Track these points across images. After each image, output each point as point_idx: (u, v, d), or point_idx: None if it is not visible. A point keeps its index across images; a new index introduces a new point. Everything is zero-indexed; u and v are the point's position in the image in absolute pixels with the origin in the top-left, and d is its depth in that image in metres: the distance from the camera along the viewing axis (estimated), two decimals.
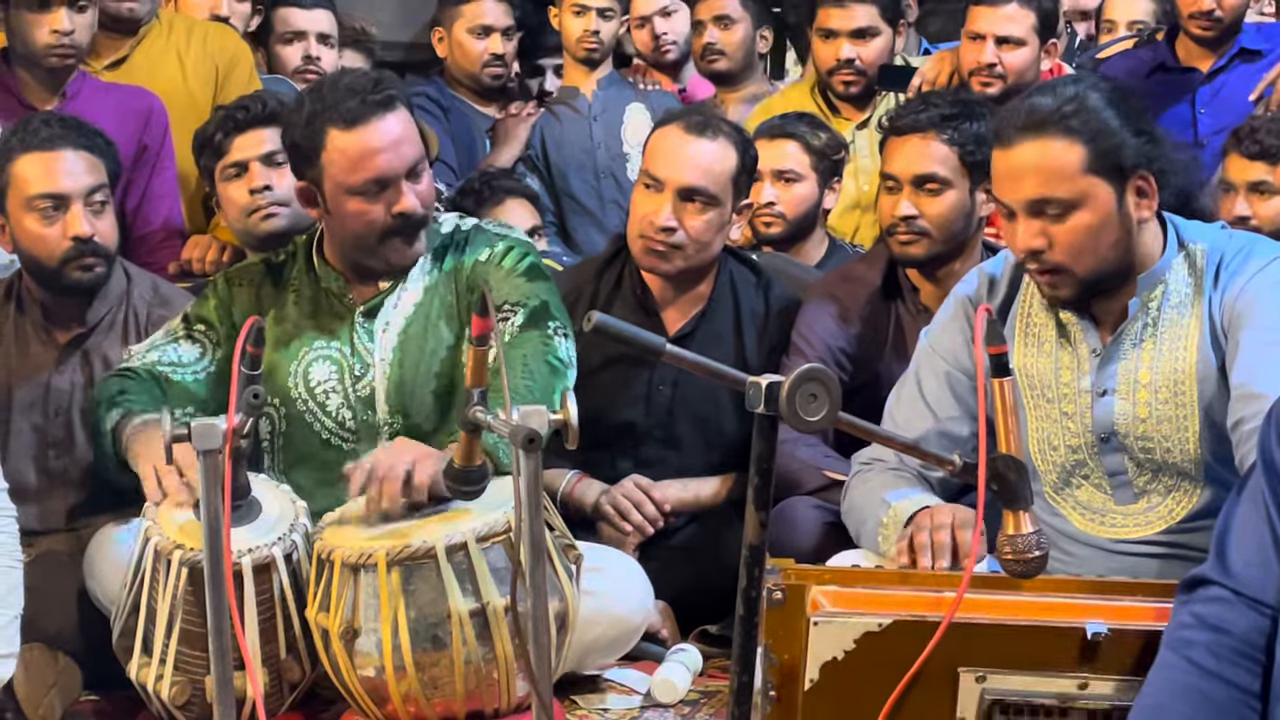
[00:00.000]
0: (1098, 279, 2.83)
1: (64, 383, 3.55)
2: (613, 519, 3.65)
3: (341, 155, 3.24)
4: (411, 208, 3.25)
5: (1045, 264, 2.80)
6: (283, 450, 3.35)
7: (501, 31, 5.19)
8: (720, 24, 5.12)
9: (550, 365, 3.21)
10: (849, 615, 2.18)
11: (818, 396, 1.97)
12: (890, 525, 2.88)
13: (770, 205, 4.23)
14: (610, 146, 5.07)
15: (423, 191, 3.29)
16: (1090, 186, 2.76)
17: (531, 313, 3.26)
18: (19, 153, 3.47)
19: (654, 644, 3.50)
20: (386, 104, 3.23)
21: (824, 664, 2.15)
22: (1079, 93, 2.78)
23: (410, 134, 3.27)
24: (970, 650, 2.15)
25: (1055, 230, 2.77)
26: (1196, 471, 2.87)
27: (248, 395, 2.48)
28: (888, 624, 2.15)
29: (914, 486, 2.96)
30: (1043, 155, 2.76)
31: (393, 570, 2.88)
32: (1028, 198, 2.77)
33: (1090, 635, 2.13)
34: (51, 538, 3.47)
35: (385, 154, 3.23)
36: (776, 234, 4.26)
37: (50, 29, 4.01)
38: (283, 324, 3.38)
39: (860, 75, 4.70)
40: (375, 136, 3.22)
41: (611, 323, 2.05)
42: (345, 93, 3.23)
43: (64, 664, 3.27)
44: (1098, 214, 2.78)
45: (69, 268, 3.48)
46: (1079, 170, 2.76)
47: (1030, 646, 2.15)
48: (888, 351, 3.59)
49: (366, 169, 3.23)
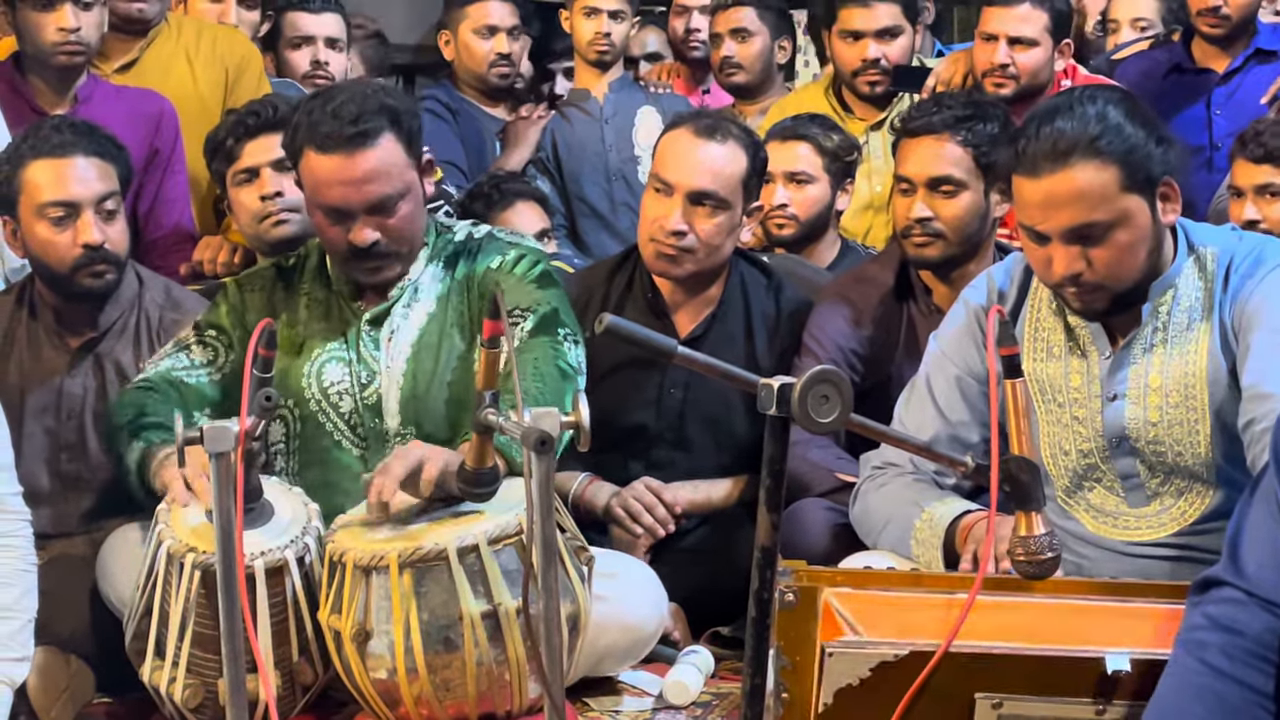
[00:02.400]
0: (1131, 290, 2.82)
1: (76, 387, 3.56)
2: (624, 522, 3.65)
3: (309, 175, 3.26)
4: (361, 241, 3.24)
5: (1085, 285, 2.78)
6: (297, 452, 3.36)
7: (507, 31, 5.19)
8: (738, 37, 5.12)
9: (560, 370, 3.20)
10: (864, 646, 2.17)
11: (829, 398, 1.97)
12: (925, 529, 2.87)
13: (783, 207, 4.23)
14: (621, 149, 5.07)
15: (391, 225, 3.25)
16: (1127, 204, 2.74)
17: (542, 319, 3.26)
18: (30, 159, 3.48)
19: (666, 646, 3.50)
20: (361, 138, 3.19)
21: (838, 690, 2.14)
22: (1100, 111, 2.74)
23: (383, 170, 3.22)
24: (987, 676, 2.14)
25: (1095, 253, 2.75)
26: (1208, 474, 2.86)
27: (260, 398, 2.48)
28: (904, 655, 2.14)
29: (936, 492, 2.96)
30: (1079, 183, 2.71)
31: (404, 572, 2.88)
32: (1066, 226, 2.73)
33: (1110, 671, 2.11)
34: (65, 541, 3.47)
35: (341, 189, 3.22)
36: (788, 236, 4.27)
37: (57, 27, 4.02)
38: (295, 327, 3.38)
39: (885, 75, 4.70)
40: (337, 170, 3.21)
41: (623, 325, 2.06)
42: (328, 116, 3.21)
43: (77, 667, 3.27)
44: (1137, 230, 2.76)
45: (80, 275, 3.48)
46: (1117, 191, 2.73)
47: (1048, 675, 2.14)
48: (900, 353, 3.59)
49: (323, 196, 3.24)
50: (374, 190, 3.23)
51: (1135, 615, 2.24)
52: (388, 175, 3.23)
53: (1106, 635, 2.20)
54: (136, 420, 3.26)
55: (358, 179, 3.21)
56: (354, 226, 3.24)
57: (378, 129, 3.22)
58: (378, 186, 3.23)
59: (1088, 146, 2.71)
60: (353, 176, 3.21)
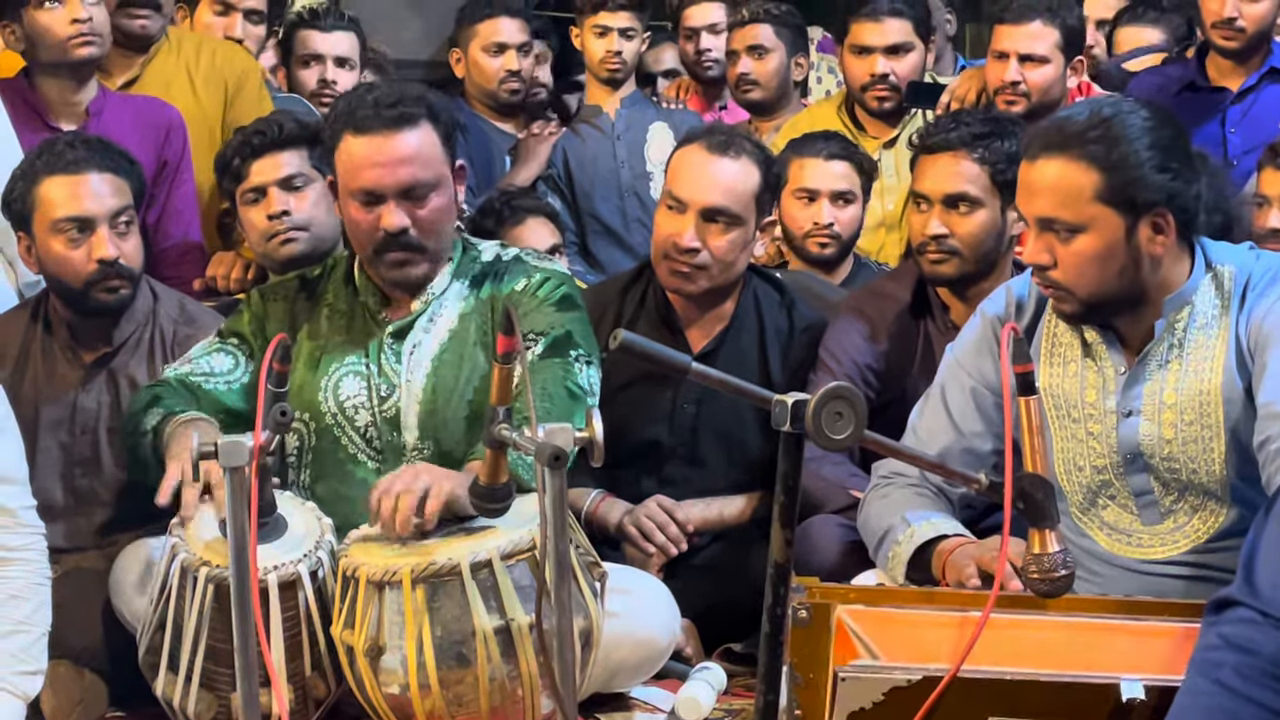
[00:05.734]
0: (1101, 303, 2.83)
1: (90, 402, 3.56)
2: (636, 540, 3.64)
3: (345, 158, 3.27)
4: (390, 225, 3.25)
5: (1046, 279, 2.83)
6: (310, 465, 3.36)
7: (516, 48, 5.20)
8: (754, 54, 5.11)
9: (569, 391, 3.20)
10: (877, 671, 2.16)
11: (843, 415, 1.97)
12: (905, 545, 2.88)
13: (829, 226, 4.23)
14: (634, 165, 5.08)
15: (422, 215, 3.26)
16: (1098, 214, 2.75)
17: (554, 341, 3.26)
18: (44, 176, 3.49)
19: (678, 662, 3.50)
20: (400, 120, 3.22)
21: (851, 713, 2.14)
22: (1112, 116, 2.76)
23: (420, 155, 3.24)
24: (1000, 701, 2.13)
25: (1060, 250, 2.79)
26: (1222, 491, 2.86)
27: (275, 413, 2.48)
28: (917, 680, 2.13)
29: (935, 506, 2.96)
30: (1058, 175, 2.76)
31: (417, 587, 2.88)
32: (1037, 214, 2.79)
33: (1125, 700, 2.11)
34: (78, 555, 3.47)
35: (377, 169, 3.23)
36: (831, 255, 4.27)
37: (69, 19, 4.00)
38: (315, 339, 3.39)
39: (894, 91, 4.70)
40: (374, 149, 3.23)
41: (638, 341, 2.06)
42: (368, 103, 3.25)
43: (90, 681, 3.27)
44: (1102, 241, 2.77)
45: (95, 290, 3.49)
46: (1090, 197, 2.75)
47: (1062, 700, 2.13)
48: (916, 369, 3.59)
49: (358, 178, 3.25)
50: (407, 174, 3.23)
51: (1150, 634, 2.24)
52: (423, 161, 3.25)
53: (1121, 654, 2.20)
54: (153, 400, 3.27)
55: (393, 160, 3.22)
56: (385, 211, 3.25)
57: (416, 115, 3.24)
58: (411, 170, 3.24)
59: (1079, 144, 2.75)
60: (389, 157, 3.22)
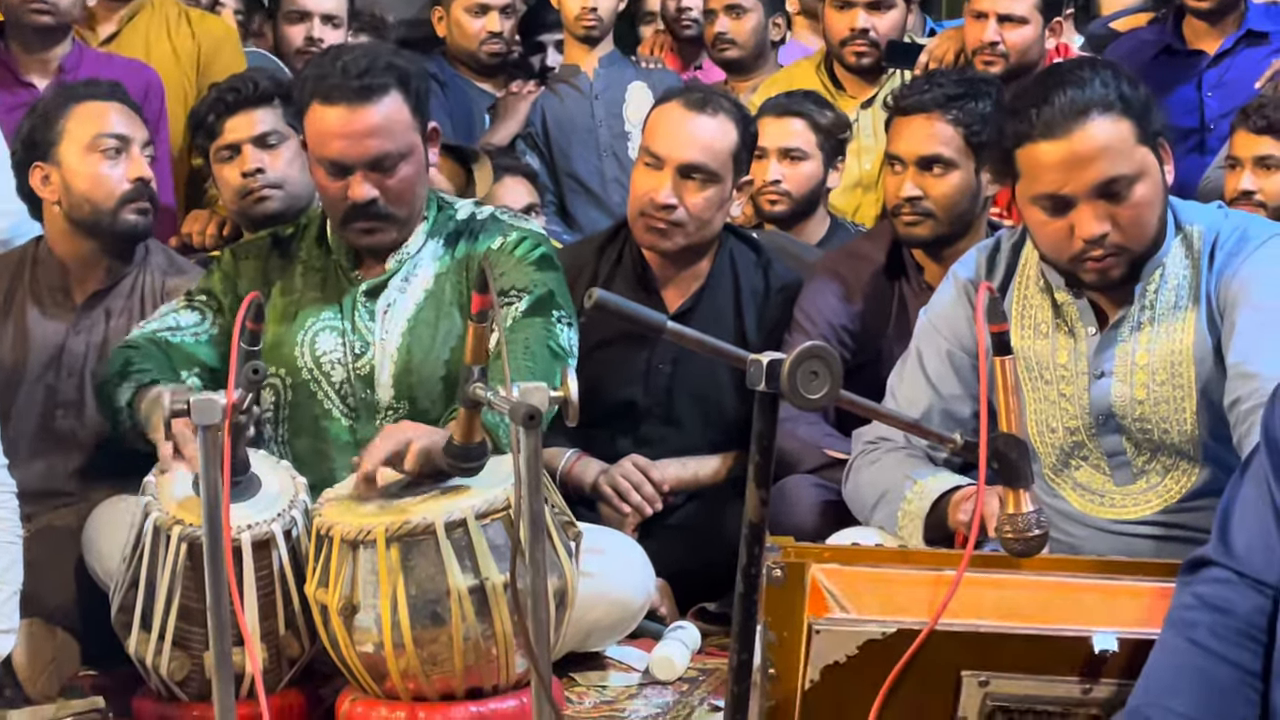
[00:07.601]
0: (1148, 253, 2.82)
1: (79, 344, 3.57)
2: (611, 500, 3.64)
3: (313, 127, 3.25)
4: (358, 196, 3.23)
5: (1109, 248, 2.77)
6: (287, 420, 3.35)
7: (499, 9, 5.19)
8: (732, 13, 5.11)
9: (551, 350, 3.20)
10: (851, 623, 2.16)
11: (819, 374, 1.96)
12: (916, 501, 2.88)
13: (776, 183, 4.22)
14: (612, 125, 5.06)
15: (391, 185, 3.24)
16: (1144, 157, 2.77)
17: (537, 299, 3.25)
18: (72, 104, 3.53)
19: (653, 621, 3.50)
20: (367, 91, 3.19)
21: (825, 666, 2.14)
22: (1102, 74, 2.77)
23: (388, 126, 3.21)
24: (974, 654, 2.14)
25: (1119, 211, 2.76)
26: (1194, 451, 2.87)
27: (247, 370, 2.47)
28: (891, 633, 2.14)
29: (929, 467, 2.96)
30: (1101, 137, 2.73)
31: (392, 546, 2.88)
32: (1095, 181, 2.74)
33: (1098, 651, 2.11)
34: (51, 513, 3.47)
35: (344, 141, 3.21)
36: (781, 212, 4.26)
37: None
38: (289, 295, 3.37)
39: (873, 47, 4.70)
40: (341, 121, 3.20)
41: (613, 299, 2.04)
42: (336, 70, 3.22)
43: (62, 639, 3.27)
44: (1154, 184, 2.78)
45: (126, 209, 3.51)
46: (1134, 144, 2.75)
47: (1036, 653, 2.14)
48: (891, 330, 3.59)
49: (325, 148, 3.23)
50: (375, 145, 3.21)
51: (1123, 593, 2.24)
52: (390, 132, 3.22)
53: (1094, 613, 2.20)
54: (124, 369, 3.26)
55: (359, 132, 3.20)
56: (352, 182, 3.23)
57: (384, 85, 3.21)
58: (379, 142, 3.22)
59: (1103, 102, 2.74)
60: (355, 130, 3.20)
